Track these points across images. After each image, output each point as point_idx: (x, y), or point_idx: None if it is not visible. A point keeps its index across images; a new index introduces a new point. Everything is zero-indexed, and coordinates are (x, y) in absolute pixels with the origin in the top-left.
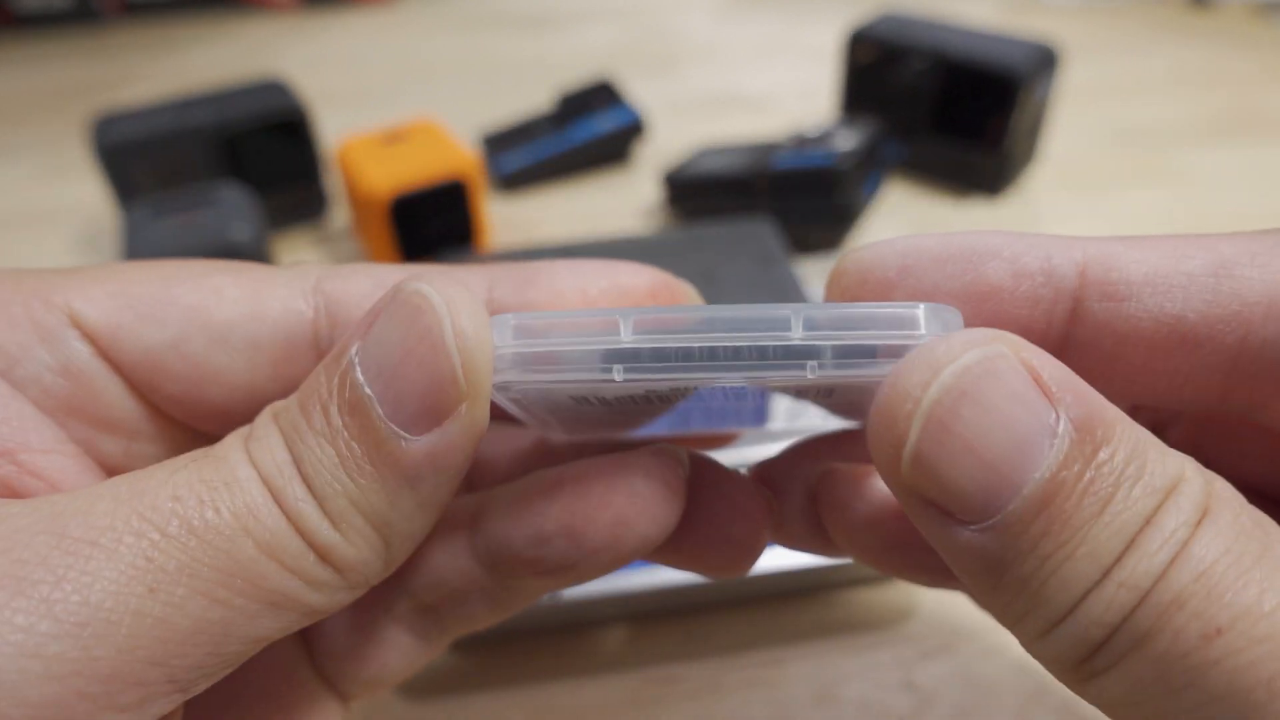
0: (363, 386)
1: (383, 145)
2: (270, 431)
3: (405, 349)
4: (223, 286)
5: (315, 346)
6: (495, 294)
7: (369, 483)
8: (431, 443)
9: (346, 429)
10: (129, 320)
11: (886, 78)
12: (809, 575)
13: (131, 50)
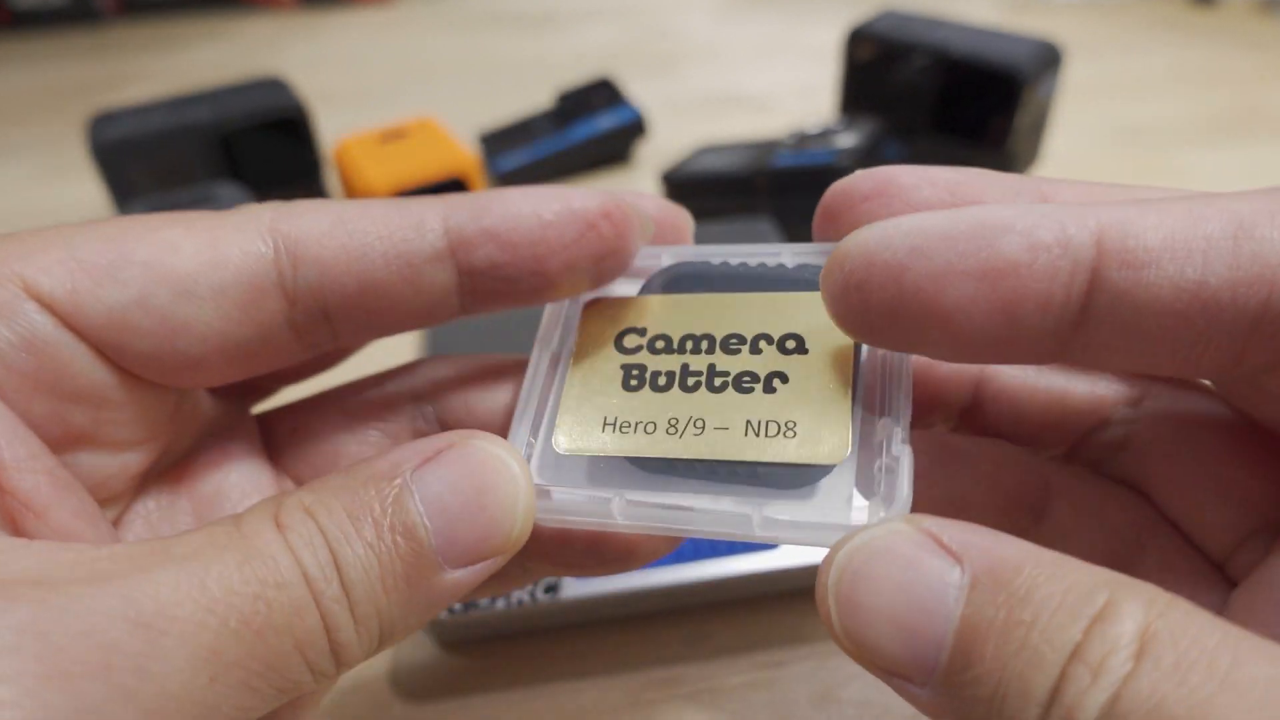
0: (420, 516)
1: (381, 144)
2: (307, 526)
3: (472, 499)
4: (176, 239)
5: (280, 285)
6: (452, 221)
7: (400, 599)
8: (465, 576)
9: (395, 548)
10: (86, 284)
11: (887, 76)
12: (809, 575)
13: (130, 49)
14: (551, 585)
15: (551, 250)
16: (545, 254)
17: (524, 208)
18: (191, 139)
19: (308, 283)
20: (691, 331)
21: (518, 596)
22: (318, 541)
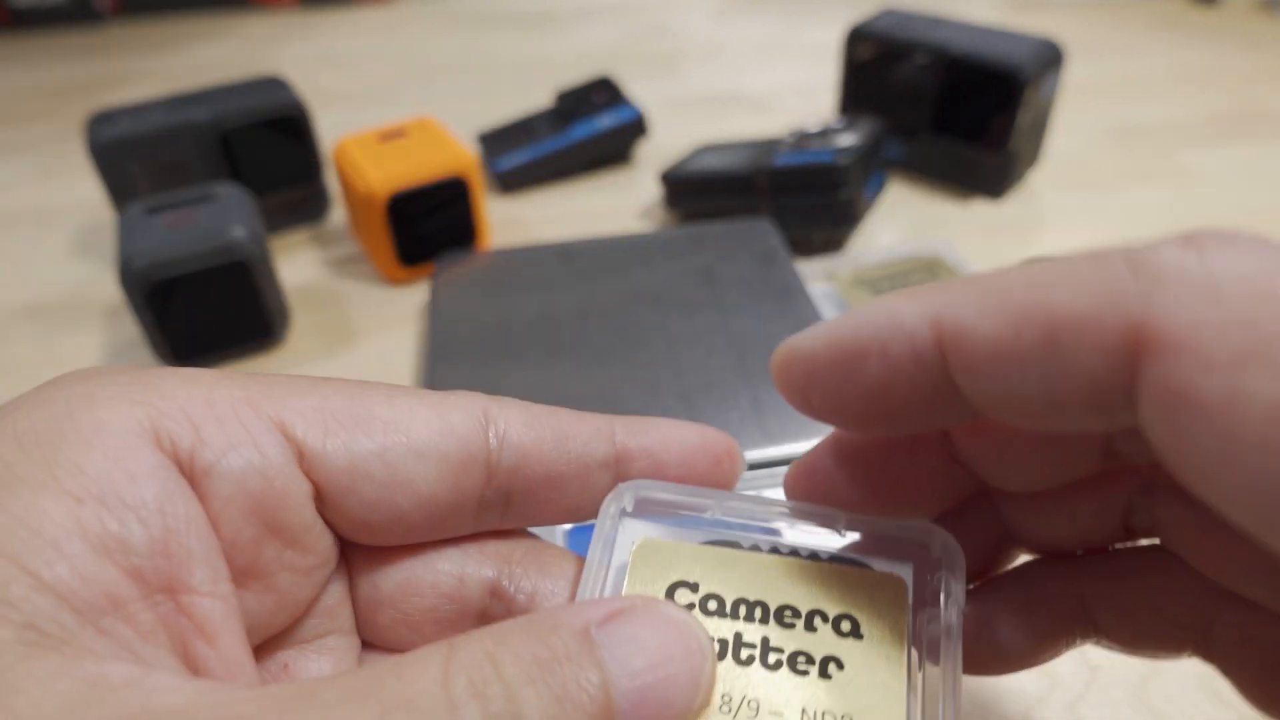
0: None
1: (380, 143)
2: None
3: (660, 662)
4: (413, 405)
5: (485, 461)
6: (618, 435)
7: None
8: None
9: (582, 703)
10: (338, 431)
11: (887, 76)
12: None
13: (130, 49)
14: None
15: (690, 474)
16: (684, 476)
17: (674, 434)
18: (190, 138)
19: (507, 463)
20: (744, 596)
21: None
22: (494, 690)
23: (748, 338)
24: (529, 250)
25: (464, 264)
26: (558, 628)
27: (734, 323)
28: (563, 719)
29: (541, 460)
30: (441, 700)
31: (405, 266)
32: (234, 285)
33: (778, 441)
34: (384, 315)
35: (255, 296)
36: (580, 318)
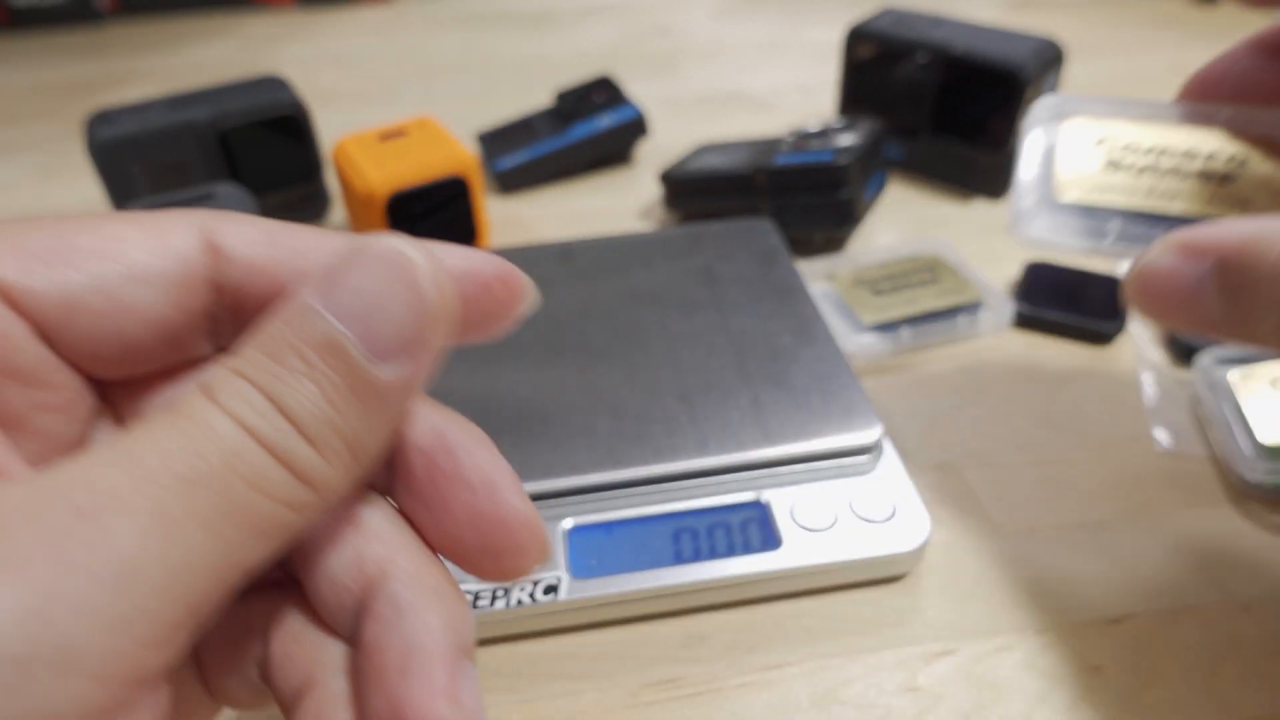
0: (338, 329)
1: (380, 143)
2: (236, 383)
3: (384, 293)
4: (122, 230)
5: (208, 280)
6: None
7: (350, 408)
8: (406, 369)
9: (327, 365)
10: (39, 268)
11: (887, 75)
12: (810, 576)
13: (130, 48)
14: (551, 586)
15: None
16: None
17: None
18: (190, 138)
19: (235, 278)
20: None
21: (517, 597)
22: (249, 391)
23: (748, 337)
24: (529, 250)
25: None
26: (280, 320)
27: (734, 322)
28: (320, 388)
29: (270, 273)
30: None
31: None
32: None
33: (777, 442)
34: None
35: None
36: (580, 317)
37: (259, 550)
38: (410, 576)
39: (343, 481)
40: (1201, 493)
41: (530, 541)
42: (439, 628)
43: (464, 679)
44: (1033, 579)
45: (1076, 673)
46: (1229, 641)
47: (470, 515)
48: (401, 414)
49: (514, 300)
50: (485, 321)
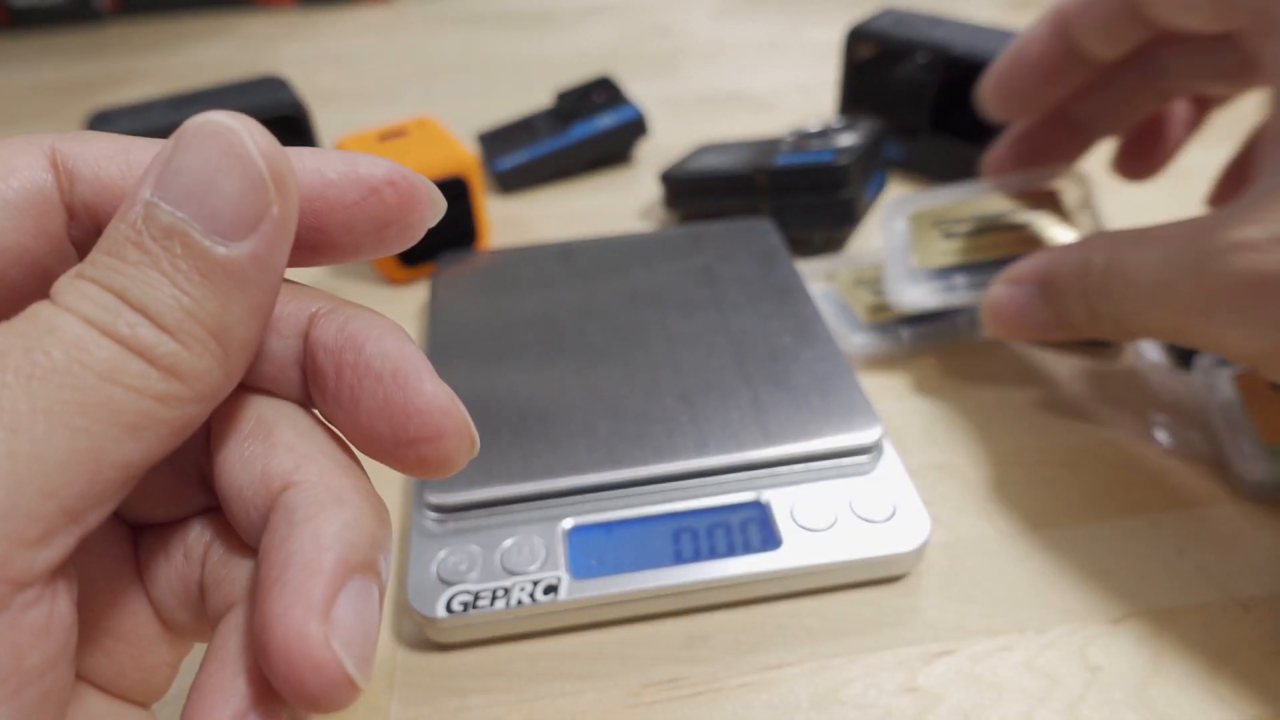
0: (173, 214)
1: (380, 143)
2: (77, 285)
3: (212, 168)
4: None
5: (62, 203)
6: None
7: (201, 291)
8: (253, 245)
9: (167, 251)
10: None
11: (887, 76)
12: (811, 576)
13: (130, 48)
14: (551, 586)
15: (330, 208)
16: (324, 210)
17: (308, 164)
18: None
19: (84, 199)
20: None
21: (517, 598)
22: (91, 290)
23: (748, 337)
24: (529, 250)
25: (464, 264)
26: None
27: (734, 322)
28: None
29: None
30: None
31: (405, 266)
32: None
33: (778, 442)
34: (385, 315)
35: None
36: (580, 317)
37: (134, 446)
38: (313, 486)
39: (215, 370)
40: (1202, 492)
41: (448, 426)
42: (330, 538)
43: (349, 595)
44: (1033, 579)
45: (1076, 673)
46: (1230, 642)
47: (381, 406)
48: (266, 294)
49: (411, 206)
50: (383, 230)
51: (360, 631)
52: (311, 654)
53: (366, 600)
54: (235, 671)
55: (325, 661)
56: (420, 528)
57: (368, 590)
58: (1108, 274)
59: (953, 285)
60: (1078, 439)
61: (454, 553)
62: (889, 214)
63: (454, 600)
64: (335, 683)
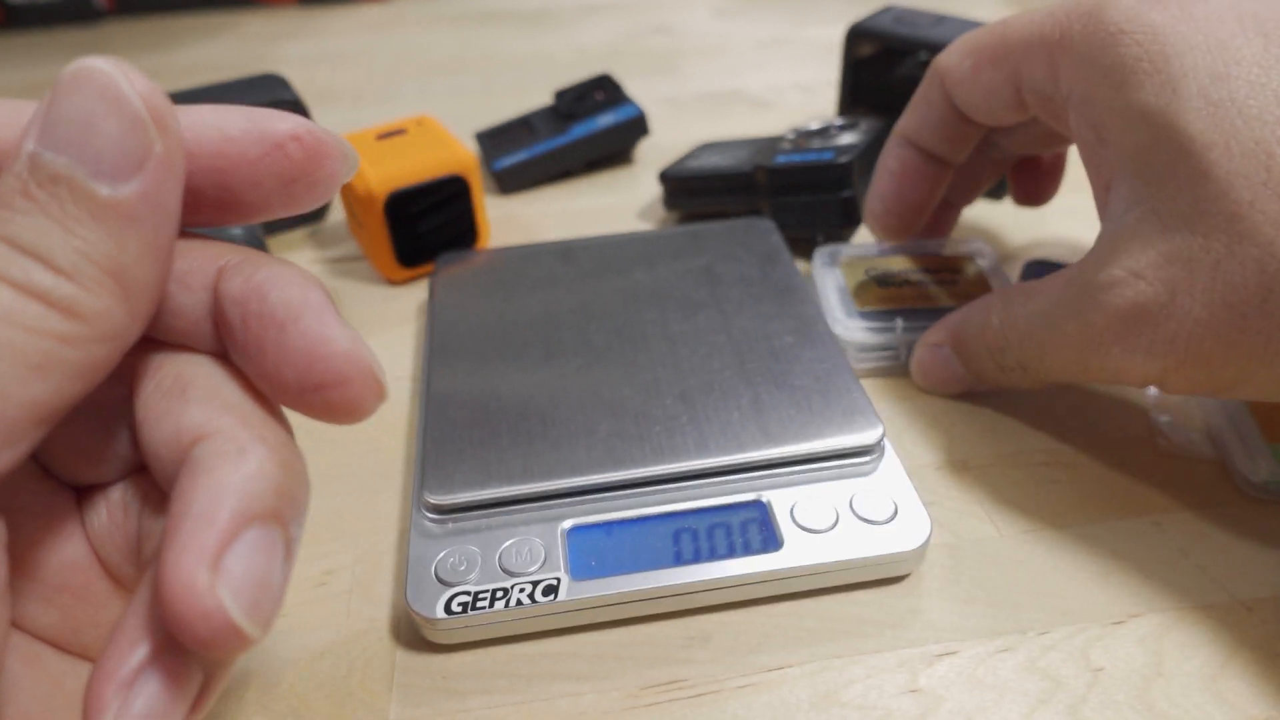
0: (56, 160)
1: (378, 141)
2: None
3: (90, 112)
4: None
5: None
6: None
7: (93, 233)
8: (140, 184)
9: (55, 197)
10: None
11: (888, 74)
12: (811, 576)
13: (127, 46)
14: (551, 587)
15: (233, 164)
16: (226, 167)
17: (208, 120)
18: None
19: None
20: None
21: (516, 598)
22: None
23: (748, 337)
24: (528, 249)
25: (463, 263)
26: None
27: (734, 322)
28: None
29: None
30: None
31: (404, 266)
32: None
33: (778, 442)
34: (383, 315)
35: None
36: (580, 317)
37: (41, 386)
38: (220, 438)
39: (117, 310)
40: (1205, 493)
41: (350, 371)
42: (227, 488)
43: (245, 545)
44: (1035, 580)
45: (1078, 674)
46: (1233, 643)
47: (285, 354)
48: (160, 233)
49: (318, 161)
50: (290, 186)
51: (253, 581)
52: (197, 602)
53: (265, 550)
54: (146, 620)
55: (211, 610)
56: (419, 528)
57: (268, 540)
58: (1004, 329)
59: (893, 326)
60: (1080, 439)
61: (453, 553)
62: (824, 260)
63: (453, 601)
64: (221, 630)
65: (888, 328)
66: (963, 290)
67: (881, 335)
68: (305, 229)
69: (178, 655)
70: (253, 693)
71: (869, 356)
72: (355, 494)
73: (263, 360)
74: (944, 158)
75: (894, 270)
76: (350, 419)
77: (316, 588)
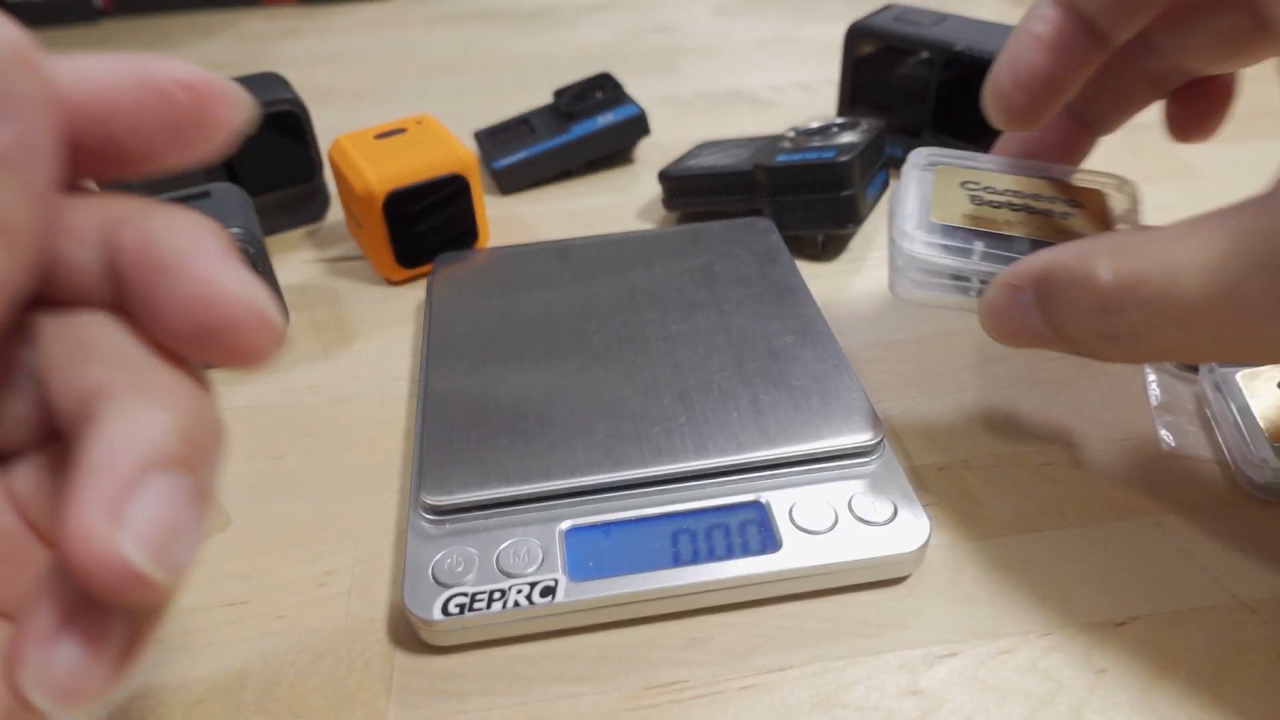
0: None
1: (377, 140)
2: None
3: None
4: None
5: None
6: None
7: None
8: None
9: None
10: None
11: (889, 73)
12: (811, 578)
13: (127, 46)
14: (549, 589)
15: (116, 113)
16: (109, 116)
17: (90, 70)
18: None
19: None
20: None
21: (514, 600)
22: None
23: (747, 337)
24: (527, 249)
25: (462, 262)
26: None
27: (734, 322)
28: None
29: None
30: None
31: (403, 266)
32: None
33: (777, 443)
34: (382, 315)
35: None
36: (579, 317)
37: None
38: (120, 391)
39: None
40: (1207, 493)
41: (241, 315)
42: (125, 438)
43: (149, 493)
44: (1036, 581)
45: (1080, 675)
46: (1235, 644)
47: (174, 301)
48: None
49: (207, 106)
50: (179, 134)
51: (158, 527)
52: (98, 551)
53: (169, 497)
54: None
55: (111, 558)
56: (416, 529)
57: (173, 487)
58: (1121, 286)
59: (970, 249)
60: (1081, 439)
61: (450, 555)
62: (915, 160)
63: (450, 602)
64: (125, 578)
65: (963, 249)
66: (1078, 230)
67: (953, 258)
68: (304, 229)
69: (97, 609)
70: (252, 693)
71: (933, 283)
72: (354, 494)
73: (156, 310)
74: (1105, 30)
75: (996, 186)
76: (249, 364)
77: (316, 588)
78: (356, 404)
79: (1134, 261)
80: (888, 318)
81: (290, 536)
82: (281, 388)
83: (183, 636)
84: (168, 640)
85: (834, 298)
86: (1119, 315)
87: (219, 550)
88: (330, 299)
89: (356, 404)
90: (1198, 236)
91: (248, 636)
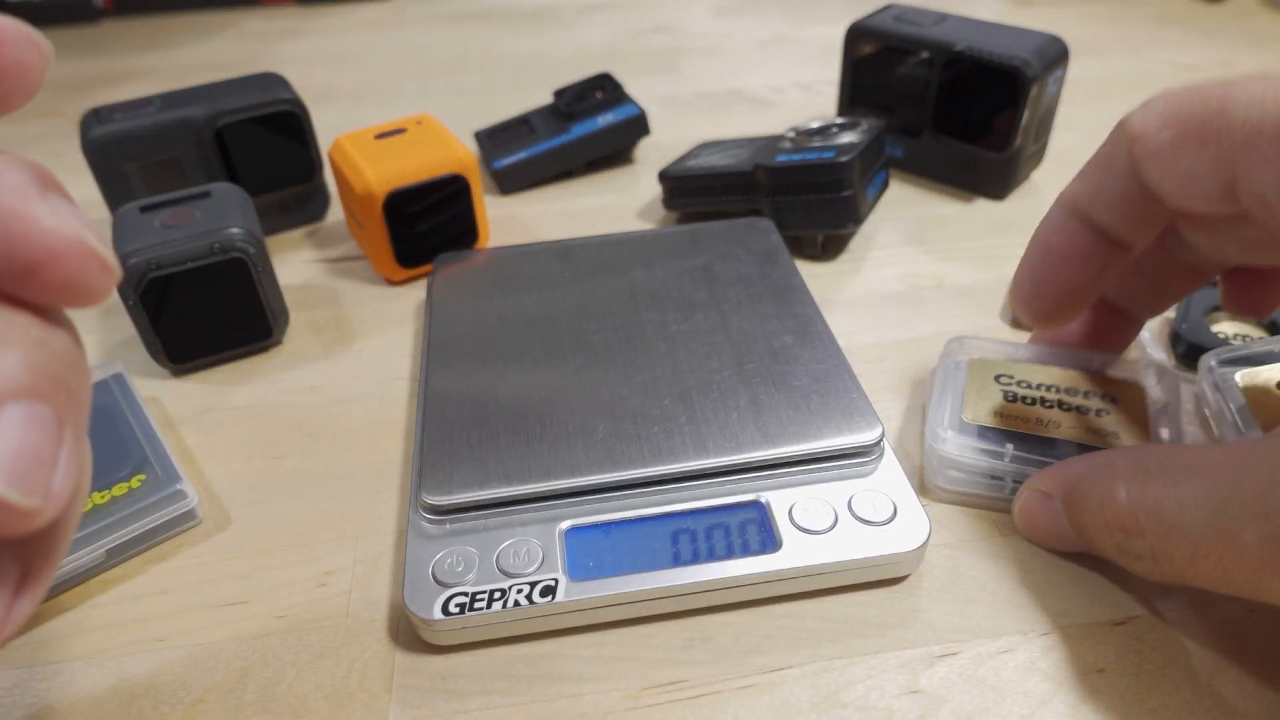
0: None
1: (377, 140)
2: None
3: None
4: None
5: None
6: None
7: None
8: None
9: None
10: None
11: (889, 73)
12: (811, 577)
13: (126, 45)
14: (549, 588)
15: None
16: None
17: None
18: (186, 135)
19: None
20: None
21: (514, 599)
22: None
23: (747, 337)
24: (527, 249)
25: (462, 262)
26: None
27: (733, 322)
28: None
29: None
30: None
31: (403, 266)
32: (231, 284)
33: (777, 443)
34: (382, 314)
35: (253, 296)
36: (579, 317)
37: None
38: None
39: None
40: None
41: (58, 246)
42: None
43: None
44: (1036, 581)
45: (1080, 675)
46: (1234, 645)
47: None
48: None
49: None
50: None
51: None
52: None
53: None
54: None
55: None
56: (416, 529)
57: (27, 414)
58: (1136, 511)
59: (1001, 452)
60: None
61: (450, 554)
62: (950, 351)
63: (451, 602)
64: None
65: (995, 451)
66: (1111, 430)
67: (984, 459)
68: (304, 229)
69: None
70: (253, 693)
71: (965, 480)
72: (355, 494)
73: None
74: (1121, 238)
75: (1031, 381)
76: (82, 299)
77: (316, 588)
78: (356, 404)
79: (1149, 488)
80: (888, 318)
81: (290, 536)
82: (281, 388)
83: (183, 636)
84: (168, 640)
85: (834, 298)
86: (1139, 538)
87: (219, 550)
88: (330, 299)
89: (356, 404)
90: (1208, 471)
91: (248, 636)
